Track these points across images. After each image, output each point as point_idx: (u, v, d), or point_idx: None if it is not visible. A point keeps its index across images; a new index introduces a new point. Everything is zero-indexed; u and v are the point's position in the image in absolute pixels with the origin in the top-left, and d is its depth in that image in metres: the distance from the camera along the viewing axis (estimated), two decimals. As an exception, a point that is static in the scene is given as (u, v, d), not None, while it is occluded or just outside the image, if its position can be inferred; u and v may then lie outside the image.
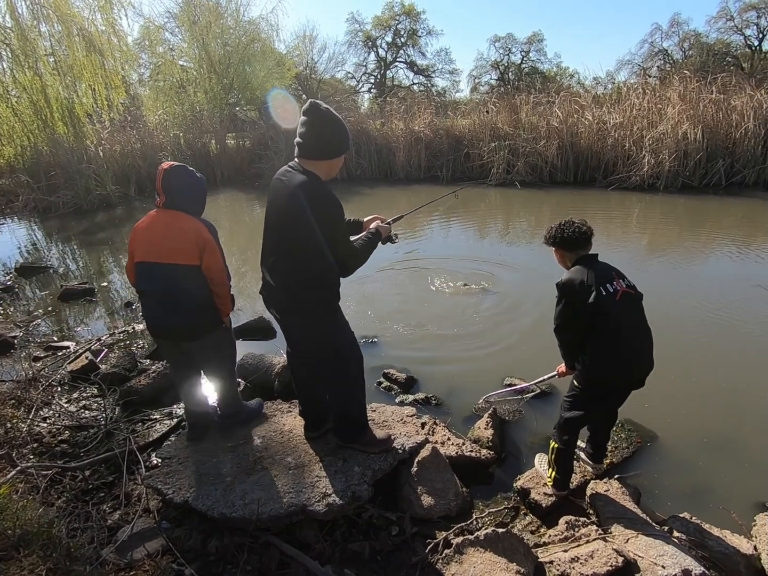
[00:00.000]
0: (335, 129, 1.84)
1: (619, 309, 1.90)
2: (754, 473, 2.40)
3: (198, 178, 2.22)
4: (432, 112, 12.68)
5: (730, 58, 32.86)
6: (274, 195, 1.94)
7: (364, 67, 36.32)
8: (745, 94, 9.91)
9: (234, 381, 2.57)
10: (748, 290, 4.66)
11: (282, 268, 1.94)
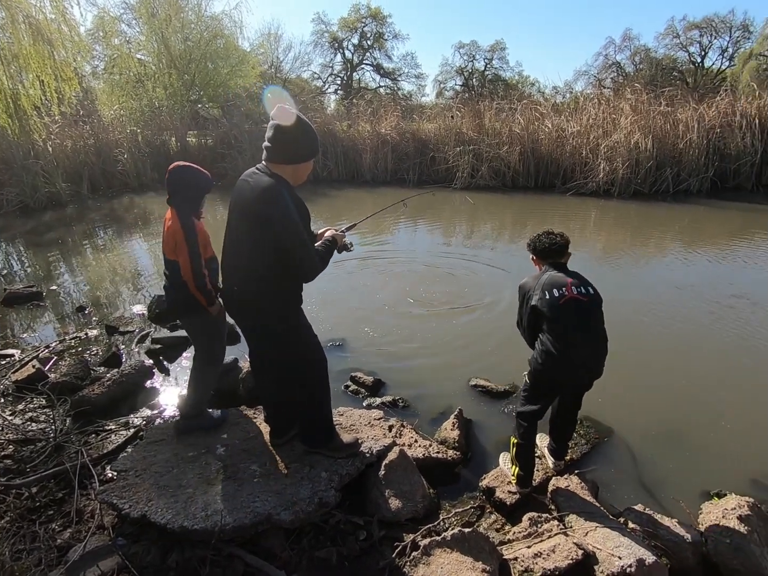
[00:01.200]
0: (304, 133, 1.83)
1: (561, 313, 2.01)
2: (699, 463, 2.55)
3: (194, 178, 2.30)
4: (398, 115, 12.79)
5: (676, 72, 34.95)
6: (238, 196, 1.89)
7: (331, 68, 36.21)
8: (690, 107, 10.57)
9: (203, 381, 2.50)
10: (687, 291, 4.96)
11: (244, 270, 1.90)
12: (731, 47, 34.84)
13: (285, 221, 1.76)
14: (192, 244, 2.22)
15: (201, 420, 2.50)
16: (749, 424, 2.84)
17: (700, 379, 3.34)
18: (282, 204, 1.76)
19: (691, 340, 3.94)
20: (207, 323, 2.44)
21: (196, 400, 2.49)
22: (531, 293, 2.12)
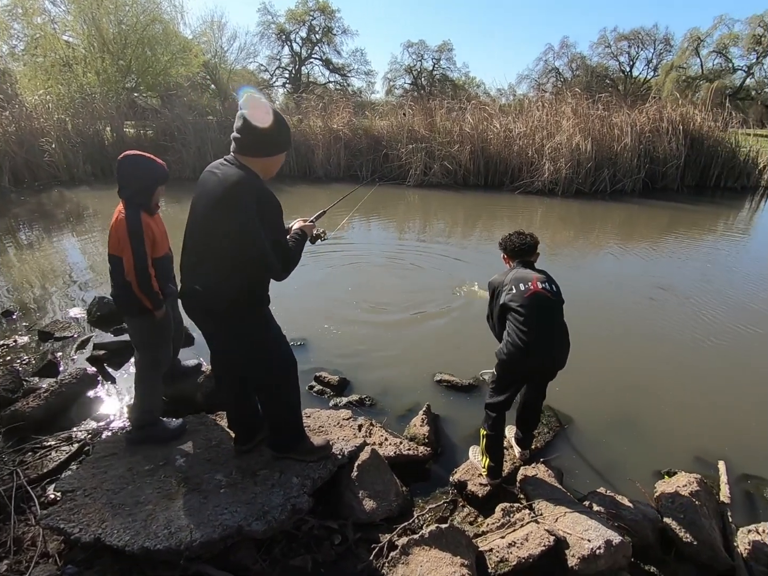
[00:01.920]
0: (276, 124, 1.71)
1: (527, 306, 2.09)
2: (648, 444, 2.71)
3: (146, 167, 2.13)
4: (351, 111, 12.67)
5: (608, 80, 37.34)
6: (203, 189, 1.75)
7: (278, 60, 35.29)
8: (624, 112, 11.31)
9: (149, 388, 2.32)
10: (621, 284, 5.31)
11: (212, 269, 1.76)
12: (655, 59, 37.75)
13: (260, 216, 1.66)
14: (136, 240, 2.06)
15: (155, 430, 2.32)
16: (687, 404, 3.07)
17: (639, 365, 3.55)
18: (258, 198, 1.66)
19: (627, 329, 4.18)
20: (152, 327, 2.26)
21: (144, 408, 2.32)
22: (500, 288, 2.20)
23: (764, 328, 4.19)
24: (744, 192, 11.67)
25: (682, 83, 33.75)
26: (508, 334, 2.14)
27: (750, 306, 4.70)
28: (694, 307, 4.61)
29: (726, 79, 33.21)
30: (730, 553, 1.93)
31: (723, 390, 3.27)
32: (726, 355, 3.75)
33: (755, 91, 33.36)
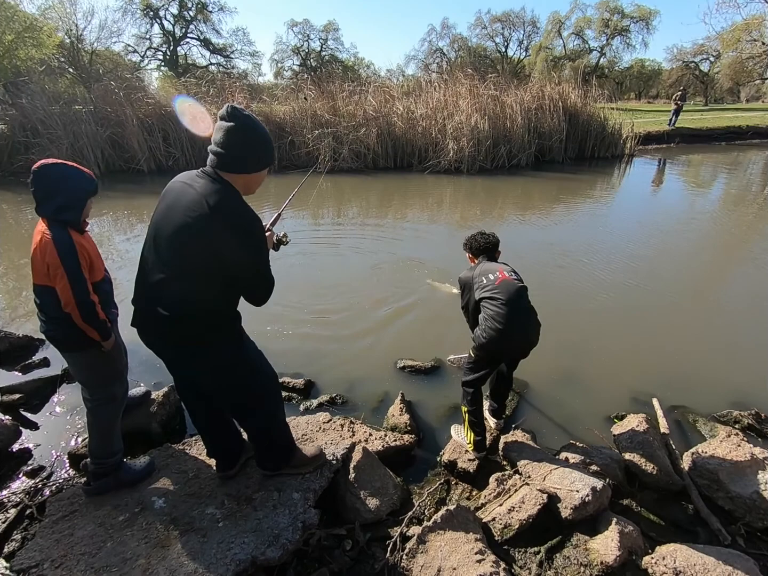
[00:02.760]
0: (260, 139, 1.56)
1: (498, 292, 2.26)
2: (595, 393, 3.06)
3: (72, 179, 1.81)
4: (247, 96, 11.93)
5: (488, 60, 39.74)
6: (175, 202, 1.54)
7: (148, 40, 31.72)
8: (512, 92, 12.18)
9: (106, 426, 2.04)
10: (532, 254, 5.84)
11: (182, 292, 1.57)
12: (526, 40, 40.97)
13: (245, 237, 1.52)
14: (71, 265, 1.76)
15: (120, 476, 2.06)
16: (613, 353, 3.51)
17: (567, 325, 3.94)
18: (241, 217, 1.51)
19: (546, 295, 4.55)
20: (101, 361, 1.98)
21: (104, 453, 2.04)
22: (471, 283, 2.41)
23: (647, 282, 4.89)
24: (613, 160, 13.36)
25: (550, 63, 37.16)
26: (485, 319, 2.26)
27: (631, 264, 5.43)
28: (592, 268, 5.21)
29: (584, 59, 37.28)
30: (679, 474, 2.28)
31: (638, 337, 3.78)
32: (626, 306, 4.33)
33: (608, 69, 37.97)
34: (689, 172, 12.41)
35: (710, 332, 3.88)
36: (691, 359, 3.45)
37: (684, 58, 38.24)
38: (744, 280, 5.11)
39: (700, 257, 5.88)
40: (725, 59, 34.07)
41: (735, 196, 9.64)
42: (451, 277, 4.83)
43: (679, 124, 17.16)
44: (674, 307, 4.31)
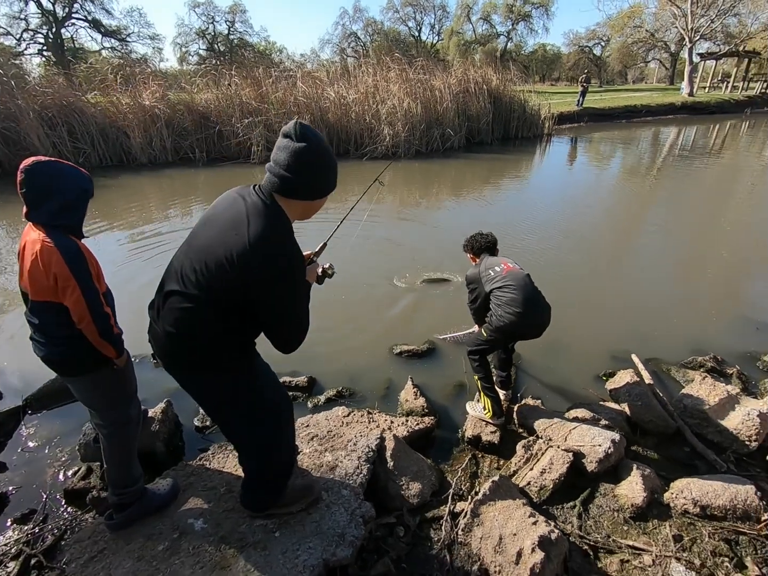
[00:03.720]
0: (331, 163, 1.38)
1: (508, 280, 2.43)
2: (581, 356, 3.31)
3: (69, 177, 1.57)
4: (162, 84, 10.96)
5: (403, 45, 40.00)
6: (220, 213, 1.38)
7: (24, 21, 27.81)
8: (439, 76, 12.43)
9: (125, 451, 1.85)
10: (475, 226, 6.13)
11: (192, 312, 1.37)
12: (437, 24, 41.80)
13: (292, 279, 1.34)
14: (83, 277, 1.55)
15: (144, 504, 1.87)
16: (587, 318, 3.82)
17: None
18: (286, 255, 1.31)
19: None
20: (115, 380, 1.79)
21: (127, 482, 1.85)
22: (479, 277, 2.58)
23: (589, 252, 5.36)
24: (535, 140, 14.25)
25: (462, 47, 38.38)
26: (499, 306, 2.40)
27: (567, 237, 5.91)
28: (536, 243, 5.53)
29: (493, 43, 38.97)
30: (672, 418, 2.56)
31: (598, 301, 4.14)
32: (577, 275, 4.71)
33: (515, 54, 40.04)
34: (599, 149, 13.60)
35: (659, 289, 4.34)
36: (650, 315, 3.85)
37: (579, 43, 41.47)
38: (660, 244, 5.76)
39: (619, 226, 6.53)
40: (614, 44, 37.47)
41: (640, 166, 10.76)
42: (408, 260, 4.92)
43: (586, 104, 18.67)
44: (617, 272, 4.76)
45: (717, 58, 27.73)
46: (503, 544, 1.80)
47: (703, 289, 4.43)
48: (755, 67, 30.92)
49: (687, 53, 25.26)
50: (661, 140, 15.21)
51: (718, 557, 1.87)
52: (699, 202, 7.83)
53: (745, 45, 27.10)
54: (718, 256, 5.21)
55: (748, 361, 3.25)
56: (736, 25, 29.06)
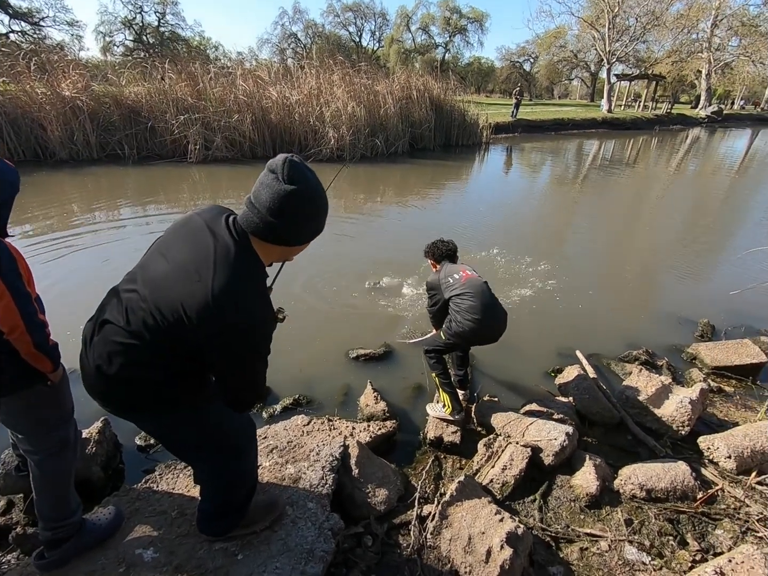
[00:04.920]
0: (322, 209, 1.22)
1: (466, 287, 2.49)
2: (528, 354, 3.45)
3: None
4: (85, 75, 10.09)
5: (344, 50, 40.06)
6: (185, 249, 1.18)
7: None
8: (382, 81, 12.56)
9: (60, 479, 1.62)
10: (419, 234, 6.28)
11: (140, 356, 1.21)
12: (378, 31, 42.34)
13: (246, 335, 1.15)
14: (13, 281, 1.36)
15: (83, 538, 1.66)
16: (530, 318, 3.99)
17: None
18: (262, 316, 1.18)
19: None
20: (51, 397, 1.59)
21: (61, 512, 1.63)
22: (438, 284, 2.64)
23: (526, 256, 5.66)
24: (474, 147, 14.83)
25: (402, 55, 39.16)
26: (457, 312, 2.46)
27: (509, 240, 6.24)
28: (475, 248, 5.77)
29: (432, 53, 40.15)
30: (616, 409, 2.73)
31: (539, 302, 4.35)
32: (517, 276, 4.94)
33: (452, 65, 41.53)
34: (531, 158, 14.44)
35: (593, 288, 4.65)
36: (587, 313, 4.12)
37: (511, 58, 43.89)
38: (588, 247, 6.22)
39: (550, 231, 6.96)
40: (542, 61, 40.06)
41: (567, 175, 11.56)
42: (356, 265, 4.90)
43: (519, 116, 19.75)
44: (552, 274, 5.05)
45: (630, 79, 30.62)
46: (472, 544, 1.81)
47: (630, 288, 4.81)
48: (661, 89, 34.54)
49: (605, 73, 27.62)
50: (585, 151, 16.45)
51: (665, 537, 2.01)
52: (619, 208, 8.54)
53: (653, 69, 30.16)
54: (641, 257, 5.70)
55: (674, 353, 3.57)
56: (645, 51, 32.28)
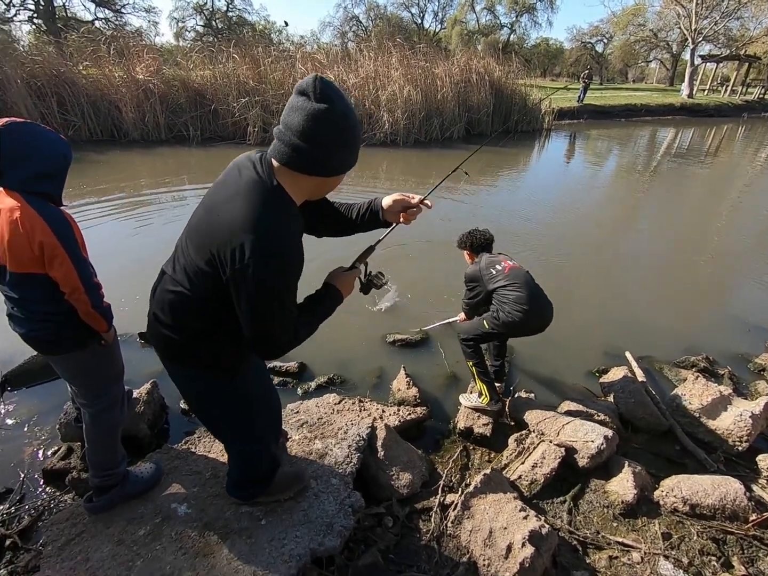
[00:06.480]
0: (355, 131, 1.11)
1: (511, 278, 2.41)
2: (572, 352, 3.29)
3: (50, 141, 1.45)
4: (157, 58, 10.65)
5: (405, 32, 39.38)
6: (217, 194, 1.18)
7: (14, -15, 26.73)
8: (441, 64, 12.24)
9: (108, 434, 1.77)
10: (471, 218, 6.10)
11: (183, 303, 1.23)
12: (441, 12, 41.16)
13: (267, 272, 1.05)
14: (72, 246, 1.48)
15: (126, 487, 1.81)
16: (580, 314, 3.79)
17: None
18: (272, 247, 1.05)
19: None
20: (103, 356, 1.72)
21: (109, 462, 1.78)
22: (480, 276, 2.53)
23: (585, 250, 5.34)
24: (534, 134, 14.16)
25: (465, 37, 37.90)
26: (504, 303, 2.37)
27: (566, 233, 5.92)
28: (531, 239, 5.54)
29: (496, 35, 38.52)
30: (664, 416, 2.55)
31: (593, 298, 4.12)
32: (572, 271, 4.69)
33: (517, 46, 39.65)
34: (597, 146, 13.57)
35: (651, 287, 4.34)
36: (643, 313, 3.85)
37: (582, 39, 41.17)
38: (655, 243, 5.76)
39: (615, 225, 6.52)
40: (617, 41, 37.25)
41: (636, 165, 10.75)
42: (404, 250, 4.86)
43: (586, 101, 18.58)
44: (612, 270, 4.75)
45: (718, 61, 27.75)
46: (493, 538, 1.77)
47: (697, 290, 4.43)
48: (754, 72, 31.01)
49: (689, 54, 25.21)
50: (659, 140, 15.21)
51: (706, 556, 1.87)
52: (693, 203, 7.85)
53: (746, 49, 27.12)
54: (711, 257, 5.23)
55: (740, 363, 3.26)
56: (739, 29, 29.04)
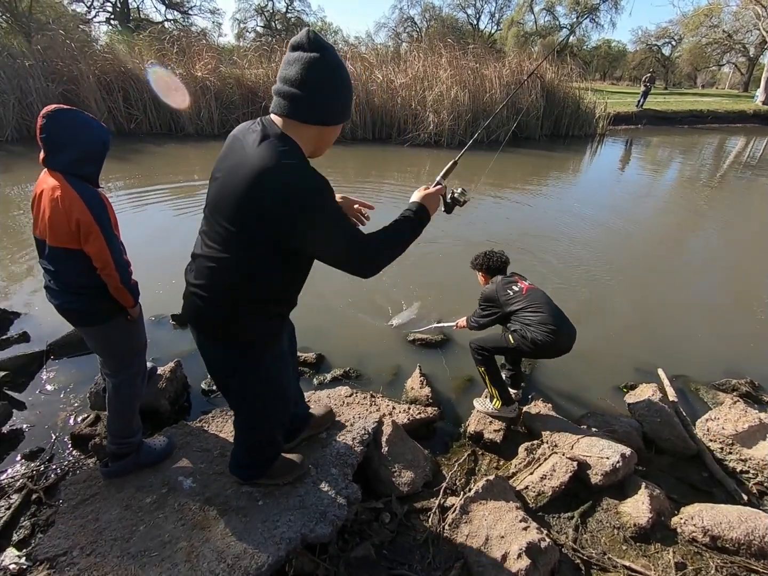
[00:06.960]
0: (347, 80, 1.19)
1: (530, 299, 2.36)
2: (600, 365, 3.14)
3: (92, 128, 1.59)
4: (215, 57, 11.15)
5: (459, 33, 38.99)
6: (225, 163, 1.24)
7: (94, -11, 28.84)
8: (491, 65, 12.03)
9: (129, 406, 1.89)
10: (511, 226, 5.92)
11: (217, 277, 1.30)
12: (497, 13, 40.43)
13: (302, 215, 1.12)
14: (106, 224, 1.59)
15: (140, 456, 1.92)
16: (613, 326, 3.61)
17: (563, 299, 4.03)
18: (298, 187, 1.12)
19: (541, 275, 4.71)
20: (130, 330, 1.84)
21: (126, 433, 1.89)
22: (498, 298, 2.44)
23: (627, 261, 5.07)
24: (586, 139, 13.61)
25: (521, 38, 37.00)
26: (527, 327, 2.28)
27: (612, 244, 5.63)
28: (577, 248, 5.34)
29: (555, 36, 37.31)
30: (693, 440, 2.39)
31: (630, 311, 3.91)
32: (613, 282, 4.46)
33: (576, 48, 38.25)
34: (656, 154, 12.85)
35: (697, 306, 4.06)
36: (683, 331, 3.61)
37: (648, 41, 39.10)
38: (704, 259, 5.37)
39: (665, 235, 6.14)
40: (686, 44, 35.09)
41: (699, 176, 10.07)
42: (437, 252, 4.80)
43: (646, 106, 17.64)
44: (654, 284, 4.48)
45: (801, 65, 25.43)
46: (489, 545, 1.73)
47: (746, 311, 4.09)
48: None
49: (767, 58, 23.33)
50: (727, 150, 14.18)
51: (724, 593, 1.73)
52: (755, 219, 7.26)
53: (836, 53, 24.72)
54: (766, 278, 4.82)
55: (789, 391, 2.99)
56: (827, 30, 26.49)
